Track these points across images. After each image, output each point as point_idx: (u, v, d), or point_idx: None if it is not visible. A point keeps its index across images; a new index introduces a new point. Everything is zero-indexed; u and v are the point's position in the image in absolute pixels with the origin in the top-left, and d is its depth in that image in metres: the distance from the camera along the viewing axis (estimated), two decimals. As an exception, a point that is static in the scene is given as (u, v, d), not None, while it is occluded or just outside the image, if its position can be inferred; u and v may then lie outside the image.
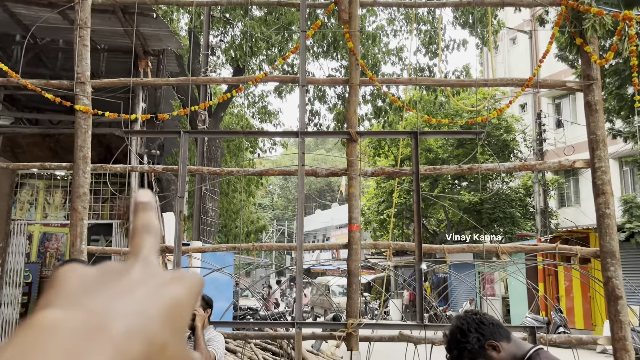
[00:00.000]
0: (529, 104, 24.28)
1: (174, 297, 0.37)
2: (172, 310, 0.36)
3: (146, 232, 0.42)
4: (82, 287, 0.36)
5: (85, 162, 6.04)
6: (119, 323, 0.33)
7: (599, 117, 5.76)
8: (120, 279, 0.37)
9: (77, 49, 6.01)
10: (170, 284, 0.38)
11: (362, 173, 6.46)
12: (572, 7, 5.92)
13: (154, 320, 0.35)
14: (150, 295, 0.36)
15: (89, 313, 0.33)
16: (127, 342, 0.32)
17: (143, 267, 0.39)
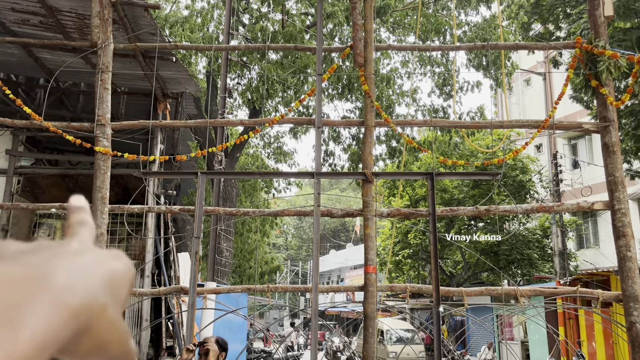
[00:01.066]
0: (544, 144, 24.20)
1: (113, 269, 0.38)
2: (112, 280, 0.37)
3: (82, 225, 0.42)
4: (20, 250, 0.36)
5: (104, 203, 6.10)
6: (60, 277, 0.33)
7: (616, 158, 5.72)
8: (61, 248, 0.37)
9: (99, 92, 6.16)
10: (108, 258, 0.39)
11: (378, 214, 6.44)
12: (586, 50, 5.97)
13: (95, 281, 0.35)
14: (91, 263, 0.37)
15: (28, 266, 0.33)
16: (67, 294, 0.33)
17: (81, 243, 0.39)
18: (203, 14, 15.12)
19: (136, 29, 7.13)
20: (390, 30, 16.14)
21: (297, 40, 13.44)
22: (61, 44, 6.93)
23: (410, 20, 15.13)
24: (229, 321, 9.67)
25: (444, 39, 14.08)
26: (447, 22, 13.87)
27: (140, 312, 8.63)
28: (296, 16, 15.53)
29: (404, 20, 15.31)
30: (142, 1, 6.60)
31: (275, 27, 15.16)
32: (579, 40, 6.07)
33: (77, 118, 9.55)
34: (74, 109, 10.11)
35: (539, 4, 15.45)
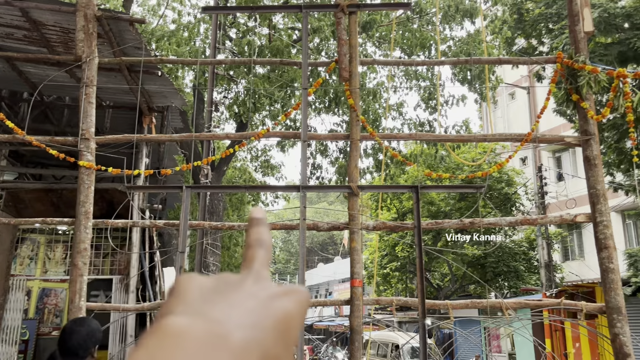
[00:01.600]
0: (529, 157, 24.44)
1: (285, 311, 0.38)
2: (283, 324, 0.37)
3: (258, 246, 0.43)
4: (201, 296, 0.37)
5: (87, 217, 6.05)
6: (238, 334, 0.34)
7: (598, 171, 5.79)
8: (234, 290, 0.38)
9: (83, 107, 6.14)
10: (280, 297, 0.39)
11: (364, 227, 6.45)
12: (567, 64, 6.06)
13: (267, 332, 0.36)
14: (263, 308, 0.37)
15: (210, 322, 0.34)
16: (245, 352, 0.34)
17: (255, 280, 0.40)
18: (190, 28, 15.16)
19: (121, 43, 7.13)
20: (376, 45, 16.28)
21: (284, 54, 13.51)
22: (45, 58, 6.90)
23: (396, 35, 15.27)
24: (215, 336, 9.57)
25: (429, 54, 14.23)
26: (432, 37, 14.02)
27: (125, 327, 8.53)
28: (283, 31, 15.61)
29: (390, 35, 15.45)
30: (128, 15, 6.61)
31: (262, 41, 15.23)
32: (559, 55, 6.17)
33: (61, 132, 9.49)
34: (58, 123, 10.04)
35: (522, 19, 15.69)
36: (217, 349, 0.33)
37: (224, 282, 0.39)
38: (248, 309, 0.37)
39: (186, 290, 0.38)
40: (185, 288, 0.39)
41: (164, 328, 0.34)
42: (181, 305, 0.37)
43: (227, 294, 0.38)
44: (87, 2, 6.27)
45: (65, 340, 2.96)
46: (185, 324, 0.34)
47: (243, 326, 0.35)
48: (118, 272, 10.34)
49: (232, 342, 0.33)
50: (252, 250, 0.43)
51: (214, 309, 0.36)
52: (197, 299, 0.37)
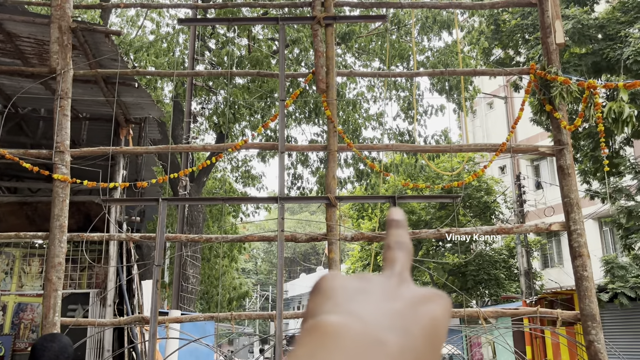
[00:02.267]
0: (508, 166, 24.71)
1: (432, 316, 0.37)
2: (431, 329, 0.36)
3: (398, 248, 0.42)
4: (347, 296, 0.37)
5: (62, 231, 5.97)
6: (393, 339, 0.34)
7: (571, 180, 5.88)
8: (380, 291, 0.37)
9: (57, 119, 6.07)
10: (427, 301, 0.38)
11: (342, 238, 6.45)
12: (540, 75, 6.17)
13: (418, 338, 0.35)
14: (411, 312, 0.36)
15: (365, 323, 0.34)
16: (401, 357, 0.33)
17: (399, 282, 0.39)
18: (168, 40, 15.11)
19: (97, 55, 7.08)
20: (355, 56, 16.39)
21: (264, 65, 13.53)
22: (19, 70, 6.82)
23: (375, 46, 15.39)
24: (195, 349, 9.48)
25: (408, 65, 14.36)
26: (411, 48, 14.16)
27: (102, 342, 8.41)
28: (262, 41, 15.64)
29: (369, 46, 15.57)
30: (103, 27, 6.57)
31: (242, 52, 15.23)
32: (533, 67, 6.27)
33: (36, 144, 9.37)
34: (33, 135, 9.92)
35: (499, 30, 15.94)
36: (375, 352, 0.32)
37: (368, 282, 0.39)
38: (397, 311, 0.36)
39: (332, 289, 0.38)
40: (331, 287, 0.38)
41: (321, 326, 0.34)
42: (329, 304, 0.36)
43: (373, 295, 0.37)
44: (61, 14, 6.22)
45: (37, 357, 2.91)
46: (342, 323, 0.33)
47: (396, 330, 0.34)
48: (96, 286, 10.20)
49: (389, 347, 0.33)
50: (392, 252, 0.42)
51: (364, 309, 0.35)
52: (345, 298, 0.37)
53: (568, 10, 13.80)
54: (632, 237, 14.74)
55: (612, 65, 13.44)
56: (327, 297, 0.37)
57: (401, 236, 0.43)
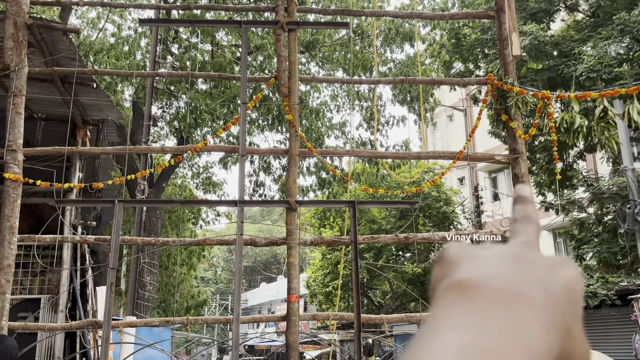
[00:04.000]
0: (466, 177, 25.22)
1: (569, 280, 0.36)
2: (569, 292, 0.35)
3: (527, 221, 0.41)
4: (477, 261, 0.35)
5: (12, 232, 5.78)
6: (538, 292, 0.32)
7: (525, 188, 6.04)
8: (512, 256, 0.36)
9: (10, 117, 5.90)
10: (560, 266, 0.36)
11: (302, 242, 6.45)
12: (497, 86, 6.34)
13: (559, 296, 0.34)
14: (547, 274, 0.35)
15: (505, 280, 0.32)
16: (549, 311, 0.32)
17: (530, 249, 0.37)
18: (130, 42, 14.88)
19: (54, 53, 6.92)
20: (319, 65, 16.48)
21: (227, 71, 13.46)
22: (-29, 66, 6.59)
23: (339, 55, 15.53)
24: (151, 357, 9.28)
25: (370, 75, 14.54)
26: (373, 59, 14.35)
27: (53, 349, 8.15)
28: (226, 47, 15.57)
29: (333, 55, 15.69)
30: (61, 24, 6.44)
31: (205, 57, 15.12)
32: (490, 77, 6.44)
33: (-12, 144, 9.06)
34: (-15, 135, 9.59)
35: (459, 44, 16.31)
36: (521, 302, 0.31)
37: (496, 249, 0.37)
38: (533, 272, 0.34)
39: (459, 256, 0.36)
40: (457, 254, 0.37)
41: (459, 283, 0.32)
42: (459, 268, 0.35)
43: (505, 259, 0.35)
44: (17, 9, 6.07)
45: (-21, 359, 2.81)
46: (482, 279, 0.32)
47: (538, 286, 0.33)
48: (48, 292, 9.89)
49: (534, 299, 0.32)
50: (520, 224, 0.41)
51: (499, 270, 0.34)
52: (476, 263, 0.35)
53: (526, 27, 14.24)
54: (583, 247, 15.21)
55: (567, 81, 13.92)
56: (455, 264, 0.36)
57: (528, 210, 0.42)
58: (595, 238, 15.07)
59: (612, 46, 13.32)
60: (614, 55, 13.25)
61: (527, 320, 0.30)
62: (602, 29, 13.98)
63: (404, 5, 15.60)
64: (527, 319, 0.30)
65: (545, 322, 0.31)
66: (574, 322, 0.34)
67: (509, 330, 0.30)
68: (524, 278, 0.33)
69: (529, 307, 0.31)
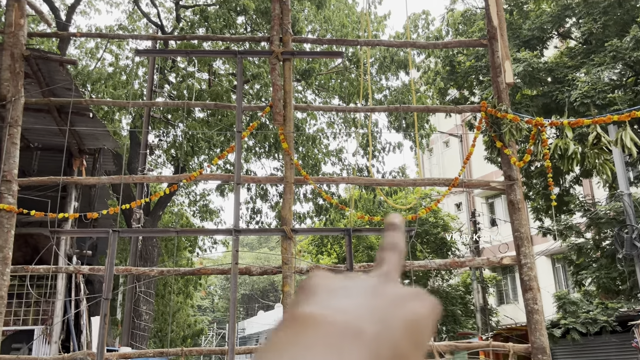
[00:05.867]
0: (463, 203, 25.21)
1: (414, 313, 0.38)
2: (413, 325, 0.37)
3: (392, 249, 0.43)
4: (331, 292, 0.38)
5: (5, 263, 5.73)
6: (371, 328, 0.35)
7: (521, 215, 6.03)
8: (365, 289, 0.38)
9: (6, 147, 5.91)
10: (411, 299, 0.39)
11: (297, 271, 6.40)
12: (491, 113, 6.38)
13: (397, 331, 0.36)
14: (392, 308, 0.37)
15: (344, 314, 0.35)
16: (378, 345, 0.34)
17: (385, 281, 0.40)
18: (127, 72, 15.00)
19: (51, 84, 6.97)
20: (315, 93, 16.62)
21: (224, 99, 13.55)
22: (-32, 97, 6.62)
23: (334, 83, 15.67)
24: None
25: (366, 102, 14.65)
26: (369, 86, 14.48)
27: (45, 382, 8.00)
28: (223, 76, 15.71)
29: (329, 83, 15.84)
30: (58, 56, 6.49)
31: (202, 86, 15.24)
32: (484, 105, 6.49)
33: (-16, 174, 9.05)
34: (-19, 165, 9.58)
35: (454, 71, 16.48)
36: (352, 338, 0.33)
37: (353, 280, 0.40)
38: (379, 307, 0.37)
39: (316, 286, 0.39)
40: (315, 284, 0.39)
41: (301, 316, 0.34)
42: (312, 299, 0.37)
43: (357, 292, 0.38)
44: (14, 41, 6.13)
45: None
46: (322, 314, 0.34)
47: (375, 322, 0.35)
48: (42, 322, 9.77)
49: (366, 335, 0.34)
50: (384, 253, 0.43)
51: (346, 304, 0.36)
52: (328, 294, 0.38)
53: (519, 54, 14.40)
54: (582, 273, 15.13)
55: (561, 107, 14.02)
56: (310, 294, 0.38)
57: (396, 238, 0.44)
58: (593, 263, 15.00)
59: (605, 72, 13.46)
60: (607, 82, 13.38)
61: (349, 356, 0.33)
62: (595, 55, 14.15)
63: (398, 34, 15.81)
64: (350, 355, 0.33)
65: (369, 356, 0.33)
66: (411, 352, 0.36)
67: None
68: (365, 313, 0.36)
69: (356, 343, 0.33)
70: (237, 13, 13.98)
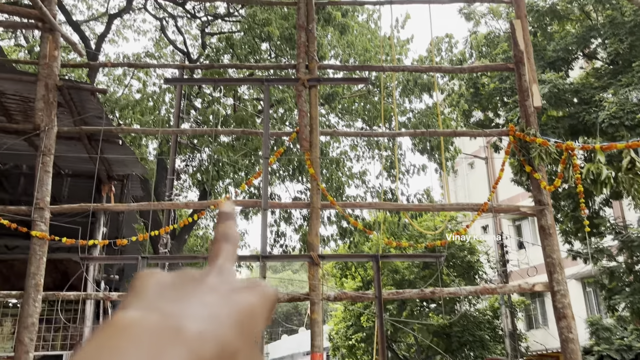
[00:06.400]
0: (490, 225, 24.86)
1: (246, 305, 0.37)
2: (243, 317, 0.36)
3: (224, 240, 0.42)
4: (158, 292, 0.37)
5: (37, 290, 5.81)
6: (192, 325, 0.33)
7: (553, 240, 5.92)
8: (194, 285, 0.38)
9: (39, 175, 6.03)
10: (242, 292, 0.38)
11: (325, 297, 6.36)
12: (519, 137, 6.31)
13: (225, 325, 0.35)
14: (223, 302, 0.36)
15: (163, 315, 0.34)
16: (200, 343, 0.33)
17: (218, 275, 0.39)
18: (154, 98, 15.28)
19: (82, 112, 7.12)
20: (339, 116, 16.68)
21: (248, 124, 13.69)
22: (3, 127, 6.82)
23: (358, 107, 15.72)
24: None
25: (390, 125, 14.65)
26: (392, 109, 14.50)
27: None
28: (248, 101, 15.89)
29: (352, 106, 15.89)
30: (89, 85, 6.65)
31: (227, 111, 15.42)
32: (512, 129, 6.43)
33: (16, 201, 9.24)
34: (13, 192, 9.80)
35: (478, 93, 16.41)
36: (169, 339, 0.32)
37: (184, 277, 0.39)
38: (207, 302, 0.36)
39: (144, 286, 0.37)
40: (144, 284, 0.38)
41: (114, 321, 0.33)
42: (137, 301, 0.36)
43: (186, 289, 0.37)
44: (49, 72, 6.29)
45: None
46: (136, 317, 0.33)
47: (199, 318, 0.34)
48: (70, 348, 9.84)
49: (186, 333, 0.33)
50: (218, 245, 0.42)
51: (170, 304, 0.35)
52: (154, 294, 0.37)
53: (544, 75, 14.29)
54: (615, 298, 14.72)
55: (588, 128, 13.83)
56: (136, 296, 0.37)
57: (228, 228, 0.44)
58: (626, 288, 14.59)
59: (633, 93, 13.26)
60: (635, 102, 13.17)
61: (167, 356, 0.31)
62: (622, 76, 13.97)
63: (422, 58, 15.83)
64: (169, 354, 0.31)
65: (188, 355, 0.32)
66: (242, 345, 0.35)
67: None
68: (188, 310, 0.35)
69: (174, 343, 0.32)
70: (261, 40, 14.19)
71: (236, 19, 16.83)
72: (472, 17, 17.37)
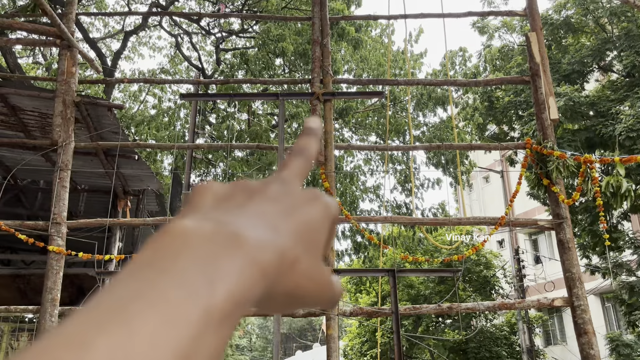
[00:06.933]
0: (506, 240, 24.60)
1: (307, 217, 0.36)
2: (304, 229, 0.35)
3: (299, 154, 0.41)
4: (216, 203, 0.36)
5: (54, 305, 5.82)
6: (251, 233, 0.33)
7: (572, 254, 5.82)
8: (254, 196, 0.36)
9: (56, 190, 6.08)
10: (304, 204, 0.37)
11: (341, 313, 6.30)
12: (536, 150, 6.25)
13: (284, 235, 0.34)
14: (283, 212, 0.35)
15: (220, 222, 0.33)
16: (258, 251, 0.32)
17: (280, 186, 0.38)
18: (170, 114, 15.41)
19: (99, 128, 7.19)
20: (352, 130, 16.70)
21: (263, 139, 13.75)
22: (21, 142, 6.90)
23: (371, 121, 15.72)
24: None
25: (404, 139, 14.62)
26: (406, 123, 14.48)
27: None
28: (262, 116, 15.97)
29: (365, 121, 15.90)
30: (106, 101, 6.72)
31: (242, 126, 15.51)
32: (529, 142, 6.37)
33: (33, 216, 9.33)
34: (30, 207, 9.89)
35: (492, 106, 16.34)
36: (226, 245, 0.31)
37: (243, 188, 0.37)
38: (266, 212, 0.35)
39: (201, 198, 0.36)
40: (201, 196, 0.37)
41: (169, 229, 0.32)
42: (192, 212, 0.35)
43: (245, 199, 0.36)
44: (66, 88, 6.37)
45: None
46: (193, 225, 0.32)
47: (257, 227, 0.33)
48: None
49: (243, 241, 0.32)
50: (290, 157, 0.41)
51: (228, 213, 0.34)
52: (211, 205, 0.35)
53: (559, 88, 14.21)
54: (635, 313, 14.45)
55: (605, 141, 13.69)
56: (194, 208, 0.36)
57: (307, 144, 0.42)
58: (647, 303, 14.33)
59: (650, 105, 13.13)
60: (653, 114, 13.02)
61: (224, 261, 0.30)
62: (639, 88, 13.84)
63: (435, 71, 15.83)
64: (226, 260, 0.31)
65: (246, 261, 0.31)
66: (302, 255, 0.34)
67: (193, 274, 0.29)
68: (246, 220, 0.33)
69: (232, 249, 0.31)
70: (275, 55, 14.29)
71: (250, 35, 16.99)
72: (486, 30, 17.37)
